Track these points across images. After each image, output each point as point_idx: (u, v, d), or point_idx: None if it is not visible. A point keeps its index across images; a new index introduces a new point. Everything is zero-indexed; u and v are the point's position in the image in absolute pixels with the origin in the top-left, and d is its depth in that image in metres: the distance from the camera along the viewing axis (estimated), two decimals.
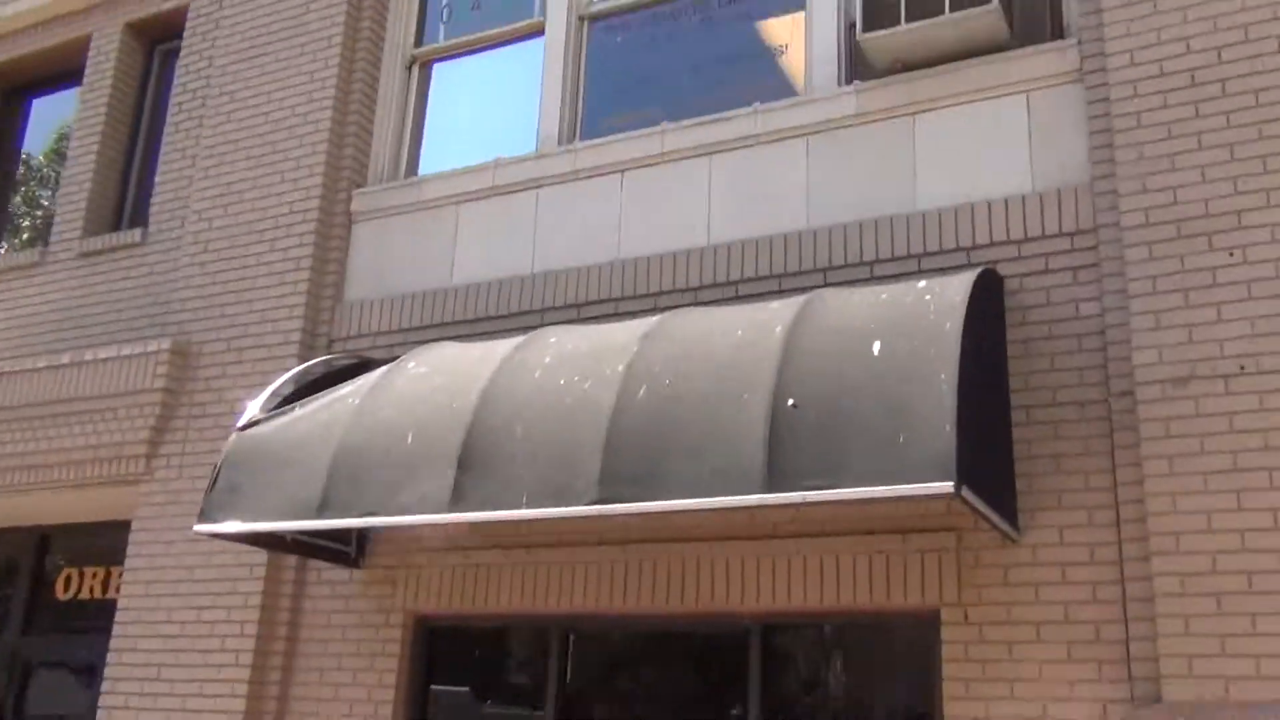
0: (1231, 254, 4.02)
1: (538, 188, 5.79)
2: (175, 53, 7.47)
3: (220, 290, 6.30)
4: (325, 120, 6.34)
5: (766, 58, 5.66)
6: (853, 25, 5.34)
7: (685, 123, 5.48)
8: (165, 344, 6.18)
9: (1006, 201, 4.61)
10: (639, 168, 5.53)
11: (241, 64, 6.79)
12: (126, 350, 6.31)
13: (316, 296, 6.11)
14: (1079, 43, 4.66)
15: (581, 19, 6.21)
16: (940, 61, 4.95)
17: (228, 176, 6.56)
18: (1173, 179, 4.21)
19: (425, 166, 6.46)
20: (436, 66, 6.73)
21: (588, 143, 5.76)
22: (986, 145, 4.76)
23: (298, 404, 4.93)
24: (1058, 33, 4.88)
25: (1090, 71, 4.59)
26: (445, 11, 6.76)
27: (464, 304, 5.74)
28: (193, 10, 7.28)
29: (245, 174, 6.50)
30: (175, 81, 7.22)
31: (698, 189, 5.35)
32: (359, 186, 6.37)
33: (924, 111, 4.93)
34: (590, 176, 5.65)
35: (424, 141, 6.60)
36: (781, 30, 5.69)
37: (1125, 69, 4.42)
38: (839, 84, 5.27)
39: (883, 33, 4.87)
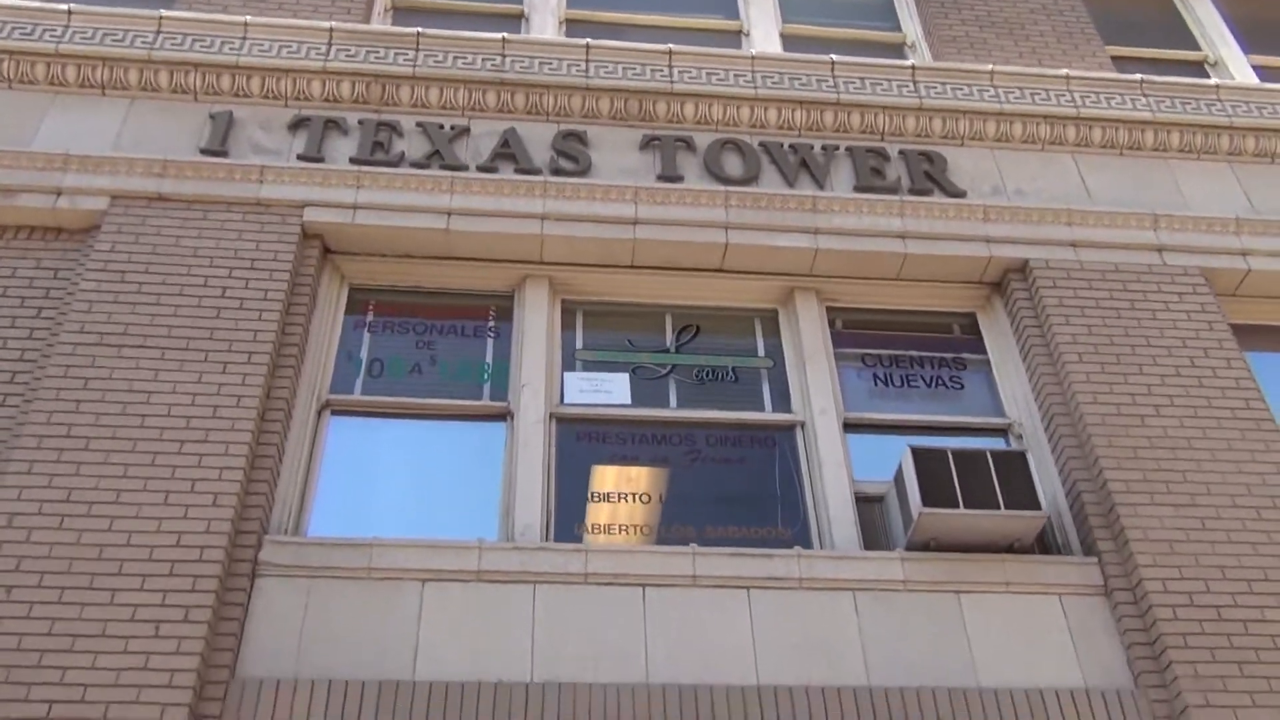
0: None
1: (534, 584, 5.00)
2: None
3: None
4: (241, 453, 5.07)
5: (768, 507, 5.68)
6: (858, 495, 5.67)
7: (718, 550, 5.20)
8: None
9: (1062, 694, 4.87)
10: (663, 587, 5.05)
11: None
12: None
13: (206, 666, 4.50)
14: (1100, 563, 5.31)
15: (553, 416, 5.82)
16: (969, 549, 5.31)
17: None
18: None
19: (332, 525, 5.32)
20: (349, 420, 5.79)
21: (602, 547, 5.20)
22: (1034, 635, 5.08)
23: None
24: (1071, 547, 5.51)
25: (1117, 589, 5.21)
26: (376, 365, 5.98)
27: (436, 707, 4.55)
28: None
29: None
30: None
31: (737, 623, 4.97)
32: (265, 533, 5.04)
33: (968, 592, 5.19)
34: (606, 584, 5.03)
35: (324, 496, 5.48)
36: (771, 480, 5.80)
37: (1159, 594, 5.10)
38: (860, 547, 5.41)
39: (941, 511, 5.19)
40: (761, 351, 6.34)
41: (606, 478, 5.72)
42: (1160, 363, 5.99)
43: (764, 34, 7.91)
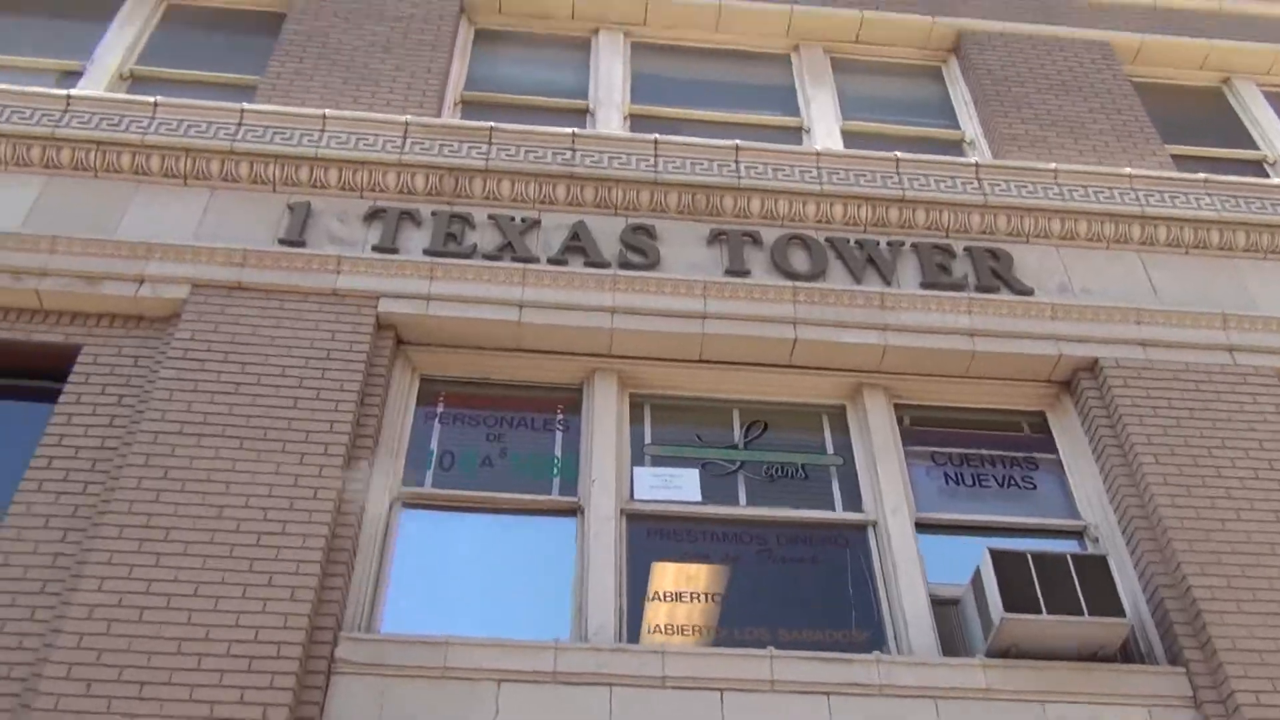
0: None
1: (610, 685, 4.93)
2: None
3: None
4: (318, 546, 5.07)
5: (841, 609, 5.60)
6: (933, 598, 5.57)
7: (796, 653, 5.12)
8: None
9: None
10: (741, 691, 4.97)
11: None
12: None
13: None
14: (1188, 673, 5.19)
15: (623, 513, 5.79)
16: (1051, 656, 5.20)
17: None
18: None
19: (404, 621, 5.28)
20: (420, 513, 5.78)
21: (678, 648, 5.13)
22: None
23: None
24: (1156, 656, 5.39)
25: (1207, 702, 5.08)
26: (447, 458, 5.99)
27: None
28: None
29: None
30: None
31: None
32: (340, 629, 5.01)
33: (1053, 702, 5.07)
34: (683, 688, 4.94)
35: (396, 592, 5.45)
36: (840, 581, 5.72)
37: (1253, 707, 4.96)
38: (938, 652, 5.31)
39: (1023, 617, 5.10)
40: (831, 449, 6.31)
41: (679, 576, 5.66)
42: (1239, 465, 5.91)
43: (825, 130, 8.02)
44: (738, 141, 7.14)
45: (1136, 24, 9.05)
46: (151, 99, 6.79)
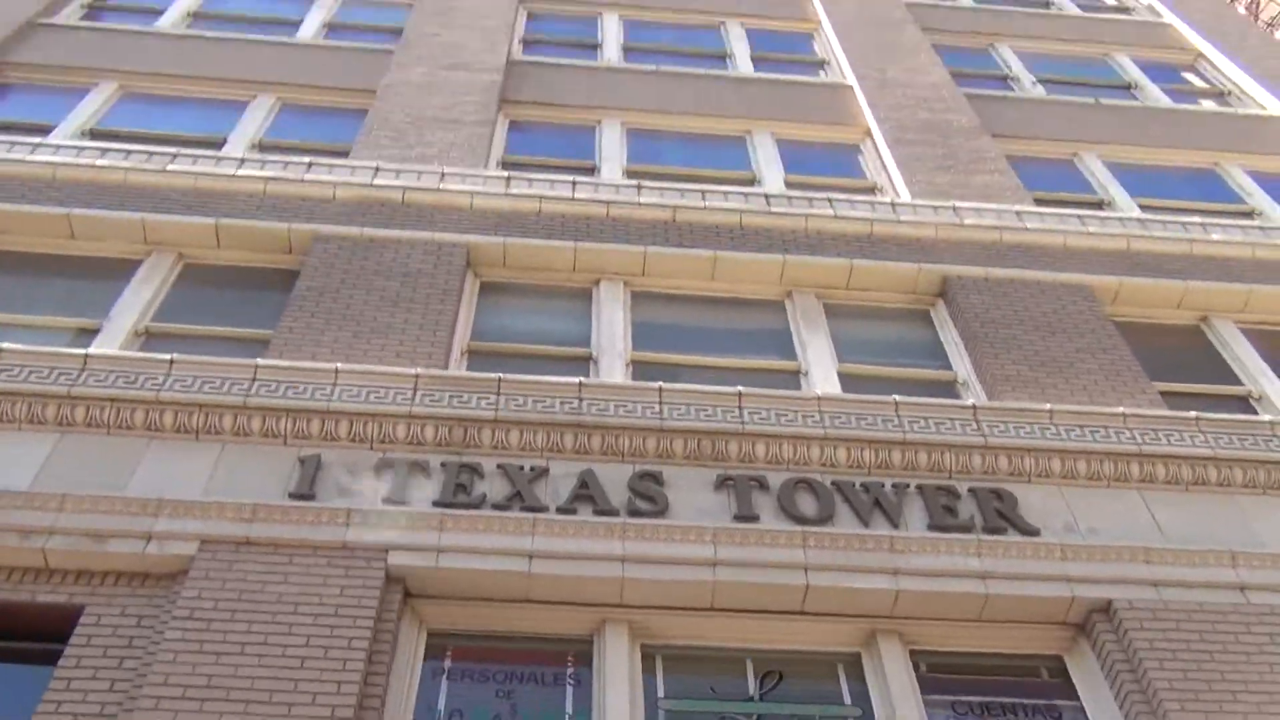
0: None
1: None
2: None
3: None
4: None
5: None
6: None
7: None
8: None
9: None
10: None
11: None
12: None
13: None
14: None
15: None
16: None
17: None
18: None
19: None
20: None
21: None
22: None
23: None
24: None
25: None
26: (456, 717, 5.80)
27: None
28: None
29: None
30: None
31: None
32: None
33: None
34: None
35: None
36: None
37: None
38: None
39: None
40: (848, 699, 6.15)
41: None
42: (1265, 710, 5.79)
43: (822, 374, 8.23)
44: (740, 388, 7.31)
45: (1112, 267, 9.45)
46: (167, 357, 6.96)
